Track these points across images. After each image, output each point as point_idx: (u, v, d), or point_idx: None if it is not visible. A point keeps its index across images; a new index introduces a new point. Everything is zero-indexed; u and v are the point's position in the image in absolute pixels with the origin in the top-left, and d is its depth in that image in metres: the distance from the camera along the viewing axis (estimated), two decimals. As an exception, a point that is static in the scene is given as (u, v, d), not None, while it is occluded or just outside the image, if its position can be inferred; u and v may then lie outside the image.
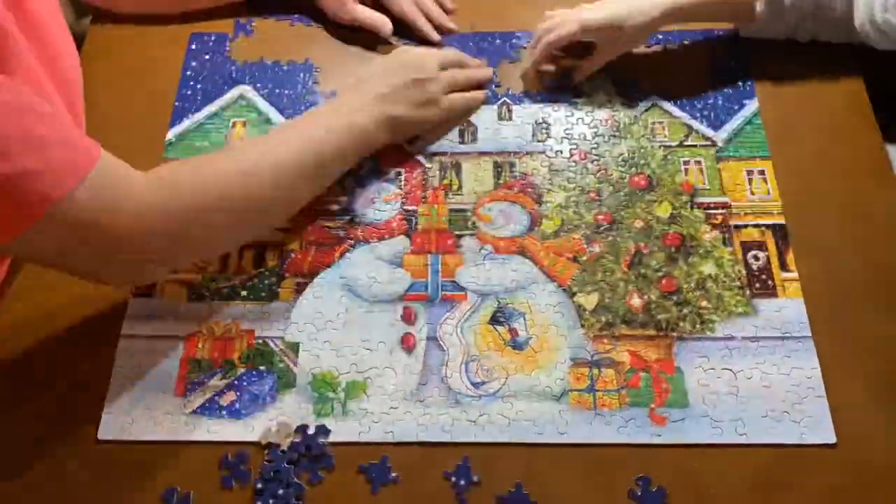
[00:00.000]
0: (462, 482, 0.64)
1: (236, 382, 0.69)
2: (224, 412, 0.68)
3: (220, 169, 0.66)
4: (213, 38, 0.91)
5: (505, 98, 0.86)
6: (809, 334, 0.70)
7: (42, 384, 0.69)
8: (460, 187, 0.80)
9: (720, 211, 0.77)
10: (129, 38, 0.90)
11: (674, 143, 0.82)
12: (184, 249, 0.66)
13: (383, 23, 0.87)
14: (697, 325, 0.71)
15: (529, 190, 0.79)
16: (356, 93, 0.76)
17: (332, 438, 0.66)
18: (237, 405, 0.68)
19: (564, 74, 0.86)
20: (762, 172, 0.79)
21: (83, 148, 0.58)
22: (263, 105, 0.85)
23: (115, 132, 0.82)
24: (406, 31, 0.89)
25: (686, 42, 0.89)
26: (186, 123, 0.84)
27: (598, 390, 0.68)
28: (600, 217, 0.77)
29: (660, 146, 0.81)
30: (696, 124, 0.83)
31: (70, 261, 0.61)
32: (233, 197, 0.65)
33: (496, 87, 0.86)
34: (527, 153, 0.82)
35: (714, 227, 0.76)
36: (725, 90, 0.85)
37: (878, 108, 0.82)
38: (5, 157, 0.51)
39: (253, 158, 0.67)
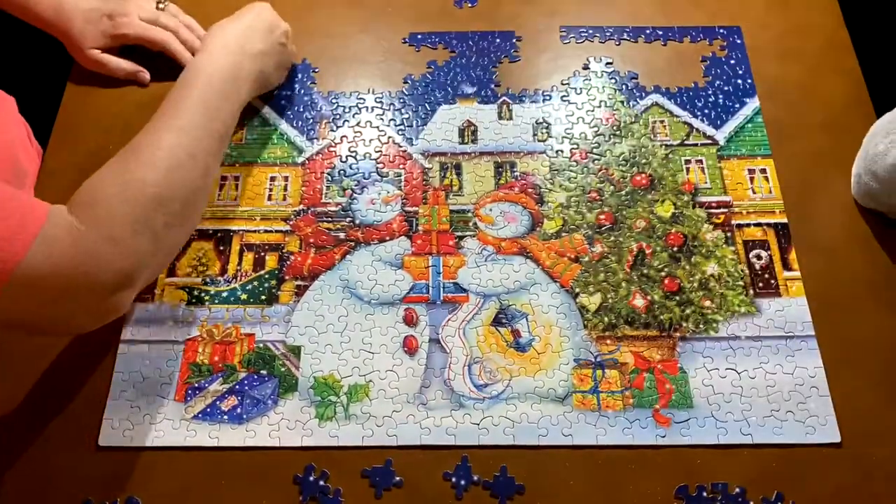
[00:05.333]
0: (462, 482, 0.64)
1: (237, 387, 0.69)
2: (225, 417, 0.67)
3: (140, 173, 0.62)
4: None
5: (505, 98, 0.85)
6: (813, 333, 0.70)
7: (42, 391, 0.68)
8: (461, 188, 0.79)
9: (722, 210, 0.77)
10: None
11: (675, 142, 0.81)
12: (140, 266, 0.62)
13: (115, 64, 0.85)
14: (701, 326, 0.71)
15: (530, 190, 0.79)
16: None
17: (335, 443, 0.66)
18: (238, 410, 0.67)
19: None
20: (764, 171, 0.79)
21: (28, 208, 0.56)
22: (261, 105, 0.84)
23: (115, 137, 0.82)
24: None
25: (686, 40, 0.88)
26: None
27: (601, 392, 0.68)
28: (602, 217, 0.77)
29: (661, 145, 0.81)
30: (697, 123, 0.82)
31: (28, 317, 0.59)
32: (161, 197, 0.63)
33: (496, 86, 0.86)
34: (527, 153, 0.81)
35: (716, 226, 0.76)
36: (726, 88, 0.84)
37: (879, 106, 0.82)
38: None
39: (164, 147, 0.64)
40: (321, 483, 0.64)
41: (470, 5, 0.91)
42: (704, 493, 0.64)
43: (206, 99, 0.69)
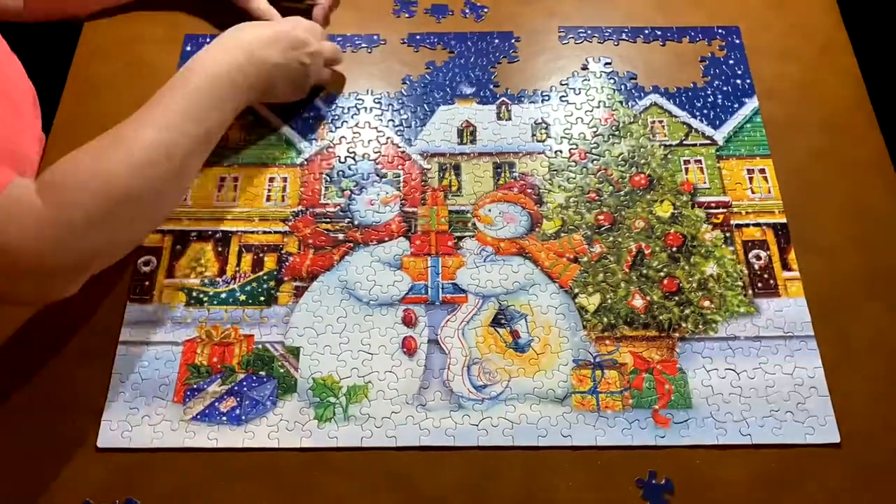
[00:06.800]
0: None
1: (236, 388, 0.68)
2: (224, 418, 0.67)
3: (114, 165, 0.62)
4: (207, 39, 0.90)
5: (504, 98, 0.85)
6: (812, 333, 0.70)
7: (40, 392, 0.68)
8: (460, 188, 0.79)
9: (721, 210, 0.77)
10: (123, 40, 0.89)
11: (674, 143, 0.81)
12: (93, 255, 0.63)
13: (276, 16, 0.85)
14: (700, 326, 0.71)
15: (529, 190, 0.79)
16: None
17: (334, 444, 0.66)
18: (237, 411, 0.67)
19: None
20: (763, 171, 0.79)
21: None
22: (260, 106, 0.84)
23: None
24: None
25: (685, 40, 0.88)
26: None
27: (601, 392, 0.68)
28: (601, 217, 0.77)
29: (660, 145, 0.81)
30: (695, 123, 0.82)
31: None
32: (130, 194, 0.62)
33: (495, 87, 0.86)
34: (526, 153, 0.81)
35: (715, 226, 0.76)
36: (725, 89, 0.84)
37: (879, 106, 0.82)
38: None
39: (144, 144, 0.63)
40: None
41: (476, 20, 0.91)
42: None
43: (196, 101, 0.67)
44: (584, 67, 0.87)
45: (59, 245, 0.59)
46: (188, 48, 0.89)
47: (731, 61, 0.86)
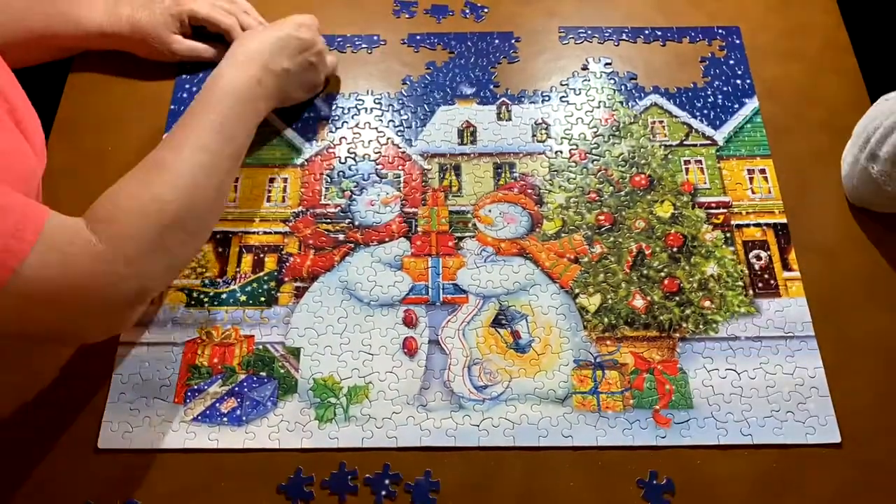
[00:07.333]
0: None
1: (237, 389, 0.68)
2: (225, 419, 0.67)
3: (161, 191, 0.63)
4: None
5: (504, 98, 0.85)
6: (812, 333, 0.70)
7: (41, 394, 0.68)
8: (460, 189, 0.79)
9: (721, 210, 0.77)
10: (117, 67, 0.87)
11: (674, 143, 0.81)
12: (153, 283, 0.64)
13: (205, 50, 0.85)
14: (700, 326, 0.71)
15: (529, 191, 0.79)
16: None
17: (335, 444, 0.66)
18: (238, 412, 0.67)
19: None
20: (763, 171, 0.79)
21: (31, 212, 0.56)
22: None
23: (114, 137, 0.82)
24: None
25: (685, 40, 0.88)
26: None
27: (601, 392, 0.68)
28: (601, 217, 0.77)
29: (660, 146, 0.81)
30: (696, 123, 0.82)
31: (38, 328, 0.59)
32: (179, 217, 0.63)
33: (495, 87, 0.86)
34: (526, 154, 0.81)
35: (715, 226, 0.76)
36: (725, 89, 0.84)
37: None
38: None
39: (185, 166, 0.65)
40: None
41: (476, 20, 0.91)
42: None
43: (224, 119, 0.69)
44: (585, 68, 0.87)
45: (122, 278, 0.59)
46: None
47: (731, 61, 0.86)
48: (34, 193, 0.65)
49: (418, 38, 0.89)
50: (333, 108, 0.85)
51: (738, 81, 0.85)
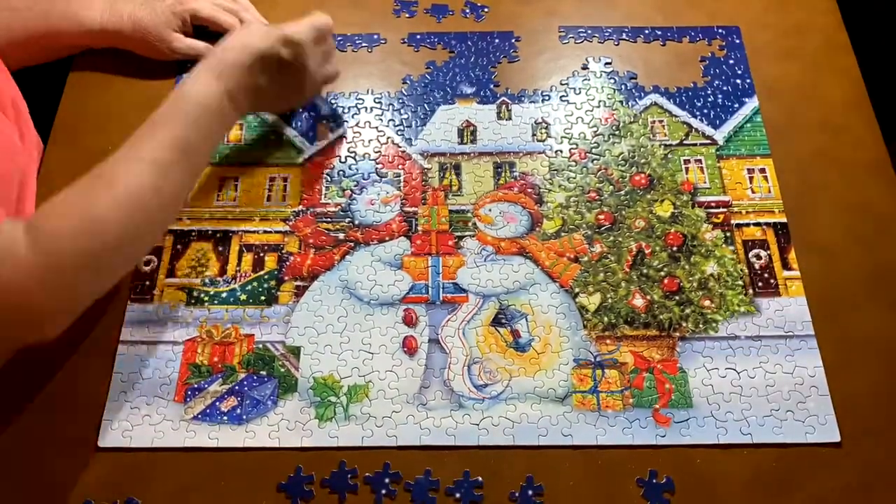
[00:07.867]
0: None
1: (237, 388, 0.68)
2: (225, 418, 0.67)
3: (103, 212, 0.60)
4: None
5: (504, 97, 0.85)
6: (812, 333, 0.70)
7: (41, 392, 0.68)
8: (460, 188, 0.79)
9: (721, 210, 0.77)
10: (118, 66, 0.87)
11: (674, 142, 0.81)
12: (81, 298, 0.62)
13: (206, 48, 0.84)
14: (700, 325, 0.71)
15: (529, 190, 0.79)
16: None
17: (335, 443, 0.66)
18: (238, 411, 0.67)
19: None
20: (763, 170, 0.79)
21: None
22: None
23: (115, 137, 0.82)
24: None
25: (685, 40, 0.89)
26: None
27: (601, 392, 0.68)
28: (601, 217, 0.77)
29: (660, 145, 0.81)
30: (696, 123, 0.82)
31: None
32: (118, 241, 0.61)
33: (495, 86, 0.86)
34: (526, 153, 0.81)
35: (715, 226, 0.76)
36: (725, 88, 0.84)
37: (878, 106, 0.82)
38: None
39: (134, 186, 0.62)
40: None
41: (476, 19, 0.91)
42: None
43: (187, 133, 0.65)
44: (585, 67, 0.87)
45: (47, 288, 0.58)
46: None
47: (731, 61, 0.86)
48: (14, 189, 0.64)
49: (418, 37, 0.89)
50: (333, 107, 0.85)
51: (738, 81, 0.85)
